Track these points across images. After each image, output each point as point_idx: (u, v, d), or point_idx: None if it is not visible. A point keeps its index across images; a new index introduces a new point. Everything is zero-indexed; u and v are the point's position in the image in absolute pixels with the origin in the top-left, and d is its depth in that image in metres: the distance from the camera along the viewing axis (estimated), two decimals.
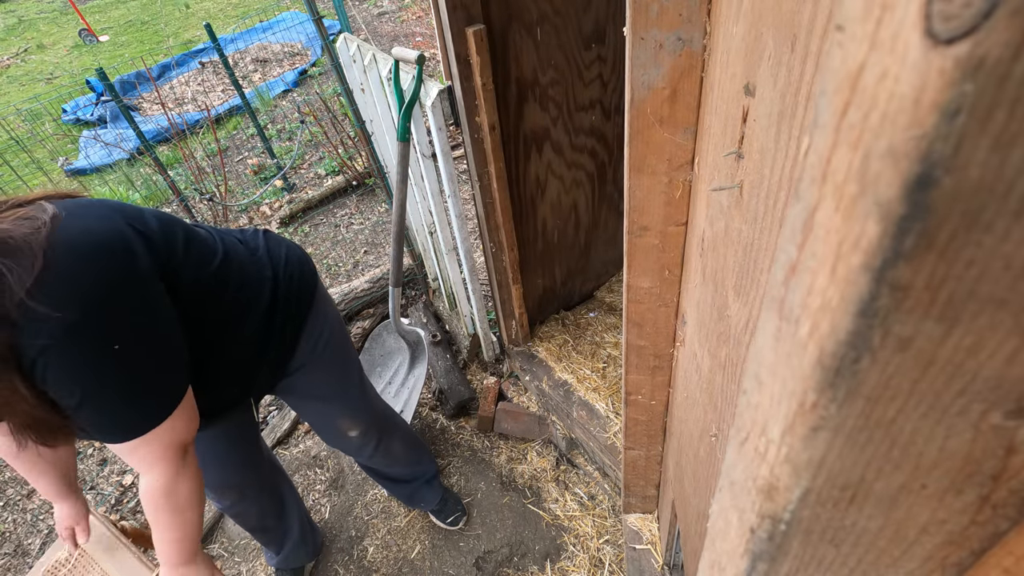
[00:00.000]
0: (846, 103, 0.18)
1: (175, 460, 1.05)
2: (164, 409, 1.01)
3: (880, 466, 0.24)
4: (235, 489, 1.61)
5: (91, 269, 0.88)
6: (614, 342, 2.44)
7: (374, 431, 1.72)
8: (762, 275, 0.62)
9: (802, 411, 0.24)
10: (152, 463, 1.04)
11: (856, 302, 0.19)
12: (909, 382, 0.21)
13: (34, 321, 0.82)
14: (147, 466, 1.04)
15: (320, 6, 7.83)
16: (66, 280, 0.85)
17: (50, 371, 0.87)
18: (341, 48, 2.18)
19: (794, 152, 0.50)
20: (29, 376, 0.88)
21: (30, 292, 0.81)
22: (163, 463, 1.04)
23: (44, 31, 9.75)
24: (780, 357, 0.25)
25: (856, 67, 0.18)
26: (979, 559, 0.30)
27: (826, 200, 0.20)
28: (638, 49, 0.85)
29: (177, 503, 1.09)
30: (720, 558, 0.38)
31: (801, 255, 0.22)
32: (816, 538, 0.29)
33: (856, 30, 0.18)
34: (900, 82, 0.15)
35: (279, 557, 1.94)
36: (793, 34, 0.48)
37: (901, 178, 0.16)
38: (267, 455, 1.76)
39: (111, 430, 0.98)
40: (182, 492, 1.09)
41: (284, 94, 5.88)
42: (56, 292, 0.84)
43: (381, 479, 2.03)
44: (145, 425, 0.99)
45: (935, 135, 0.15)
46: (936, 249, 0.17)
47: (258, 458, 1.67)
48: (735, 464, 0.33)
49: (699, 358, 1.00)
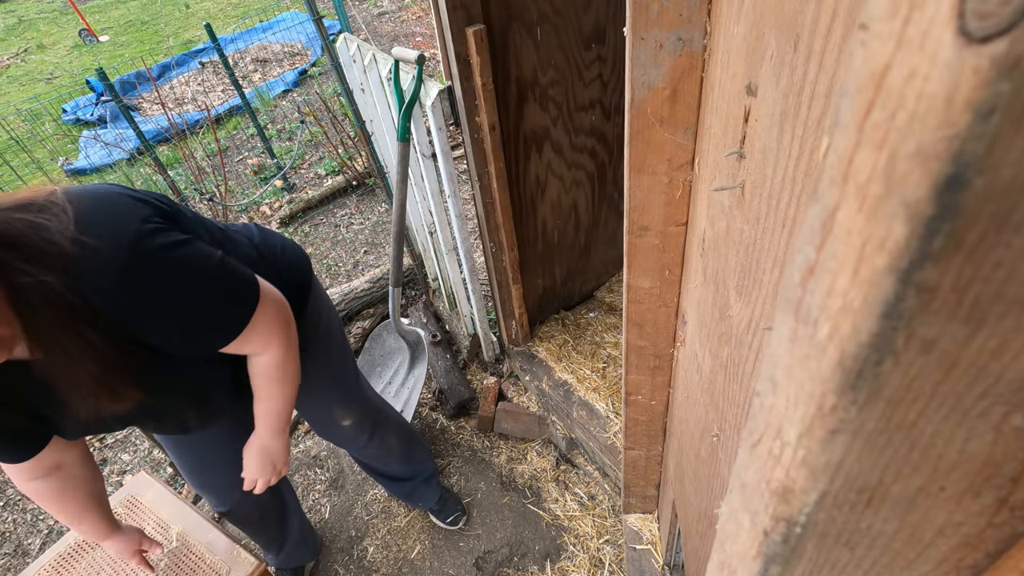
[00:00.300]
0: (870, 103, 0.18)
1: (286, 334, 1.12)
2: (253, 284, 1.05)
3: (899, 469, 0.24)
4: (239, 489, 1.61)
5: (119, 203, 0.90)
6: (614, 342, 2.44)
7: (368, 422, 1.74)
8: (765, 275, 0.61)
9: (821, 414, 0.23)
10: (268, 340, 1.09)
11: (880, 304, 0.19)
12: (931, 384, 0.21)
13: (96, 254, 0.83)
14: (263, 345, 1.10)
15: (320, 6, 7.83)
16: (102, 216, 0.86)
17: (134, 304, 0.88)
18: (341, 48, 2.17)
19: (797, 152, 0.50)
20: (105, 329, 0.88)
21: (77, 233, 0.82)
22: (277, 338, 1.11)
23: (44, 31, 9.74)
24: (796, 359, 0.25)
25: (881, 66, 0.17)
26: (995, 561, 0.30)
27: (847, 201, 0.20)
28: (638, 49, 0.85)
29: (286, 374, 1.18)
30: (730, 560, 0.38)
31: (820, 256, 0.22)
32: (831, 541, 0.29)
33: (881, 29, 0.17)
34: (930, 81, 0.15)
35: (279, 557, 1.94)
36: (796, 34, 0.48)
37: (931, 178, 0.16)
38: None
39: (224, 327, 1.01)
40: (291, 365, 1.18)
41: (284, 94, 5.87)
42: (101, 227, 0.85)
43: (379, 477, 2.04)
44: (250, 303, 1.03)
45: (968, 135, 0.15)
46: (964, 250, 0.17)
47: None
48: (747, 466, 0.33)
49: (700, 358, 1.00)
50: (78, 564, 1.46)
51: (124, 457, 2.67)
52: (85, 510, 1.24)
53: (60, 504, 1.20)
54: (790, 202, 0.52)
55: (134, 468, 2.59)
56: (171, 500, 1.59)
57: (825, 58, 0.43)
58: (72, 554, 1.48)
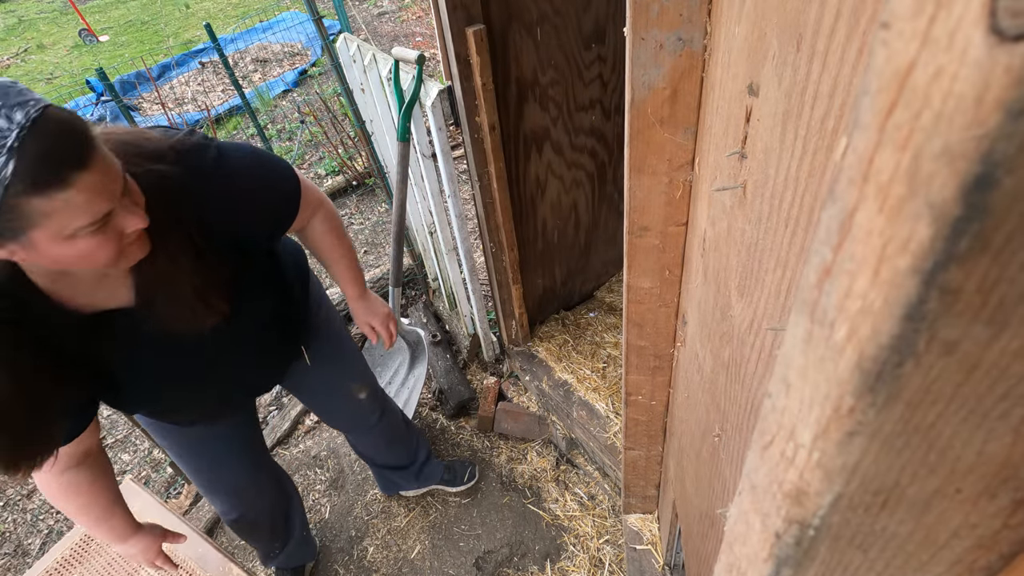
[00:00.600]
0: (892, 103, 0.18)
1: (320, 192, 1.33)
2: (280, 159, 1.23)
3: (915, 471, 0.24)
4: (252, 487, 1.61)
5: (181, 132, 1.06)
6: (614, 342, 2.44)
7: (379, 396, 1.80)
8: (767, 275, 0.61)
9: (837, 416, 0.23)
10: (317, 196, 1.29)
11: (902, 305, 0.19)
12: (952, 386, 0.20)
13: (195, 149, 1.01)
14: (318, 201, 1.30)
15: (320, 6, 7.82)
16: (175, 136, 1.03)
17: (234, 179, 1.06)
18: (341, 48, 2.17)
19: (800, 152, 0.49)
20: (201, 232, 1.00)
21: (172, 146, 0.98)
22: (318, 192, 1.31)
23: (44, 31, 9.72)
24: (811, 361, 0.25)
25: (905, 66, 0.17)
26: (1008, 563, 0.29)
27: (867, 201, 0.20)
28: (638, 49, 0.85)
29: (342, 226, 1.40)
30: (739, 562, 0.38)
31: (838, 257, 0.22)
32: (844, 543, 0.29)
33: (904, 28, 0.17)
34: (958, 80, 0.15)
35: (279, 557, 1.93)
36: (799, 33, 0.48)
37: (958, 179, 0.16)
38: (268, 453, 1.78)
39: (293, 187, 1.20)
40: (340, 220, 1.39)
41: (284, 94, 5.86)
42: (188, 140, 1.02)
43: (384, 470, 2.05)
44: (292, 172, 1.21)
45: (998, 135, 0.15)
46: (991, 251, 0.17)
47: (267, 455, 1.72)
48: (757, 468, 0.33)
49: (701, 358, 1.00)
50: (79, 564, 1.45)
51: (124, 457, 2.66)
52: (114, 503, 1.22)
53: (92, 497, 1.16)
54: (793, 202, 0.52)
55: (134, 468, 2.59)
56: (159, 511, 1.52)
57: (828, 58, 0.43)
58: (73, 555, 1.47)
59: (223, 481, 1.53)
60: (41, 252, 0.79)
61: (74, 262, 0.82)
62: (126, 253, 0.89)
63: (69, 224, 0.76)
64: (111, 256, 0.84)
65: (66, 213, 0.75)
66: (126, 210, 0.84)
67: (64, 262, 0.82)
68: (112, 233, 0.83)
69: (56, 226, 0.76)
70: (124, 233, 0.85)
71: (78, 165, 0.74)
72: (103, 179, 0.78)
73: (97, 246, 0.81)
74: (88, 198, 0.76)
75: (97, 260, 0.83)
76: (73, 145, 0.74)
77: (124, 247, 0.87)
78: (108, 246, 0.83)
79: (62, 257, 0.80)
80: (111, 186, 0.79)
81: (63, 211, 0.75)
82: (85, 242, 0.80)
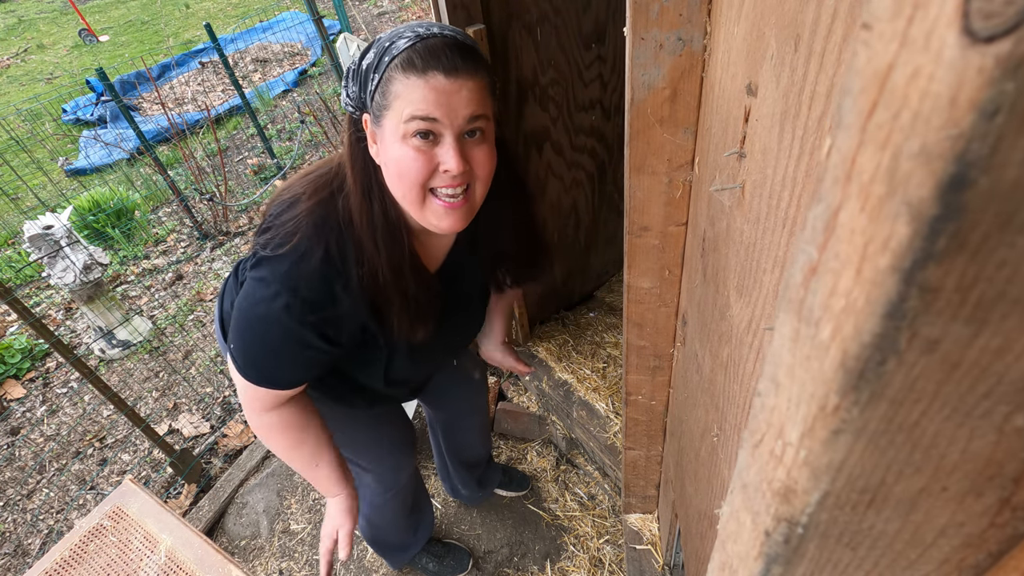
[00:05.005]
0: (873, 103, 0.18)
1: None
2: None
3: (901, 469, 0.24)
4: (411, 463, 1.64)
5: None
6: (614, 342, 2.44)
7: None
8: (765, 275, 0.62)
9: (823, 414, 0.23)
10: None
11: (883, 304, 0.19)
12: (934, 384, 0.21)
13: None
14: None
15: (320, 6, 7.83)
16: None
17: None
18: (341, 48, 2.17)
19: (798, 152, 0.50)
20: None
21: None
22: None
23: (44, 31, 9.74)
24: (799, 359, 0.25)
25: (884, 66, 0.17)
26: (997, 561, 0.30)
27: (850, 201, 0.20)
28: (638, 49, 0.85)
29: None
30: (731, 560, 0.38)
31: (823, 256, 0.22)
32: (833, 541, 0.29)
33: (884, 29, 0.17)
34: (934, 81, 0.15)
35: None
36: (796, 34, 0.48)
37: (934, 178, 0.16)
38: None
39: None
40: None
41: (284, 94, 5.87)
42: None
43: (463, 472, 2.00)
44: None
45: (972, 134, 0.15)
46: (968, 250, 0.17)
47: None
48: (748, 467, 0.33)
49: (700, 358, 1.00)
50: (79, 565, 1.46)
51: (124, 457, 2.67)
52: (325, 443, 1.18)
53: (303, 432, 1.13)
54: (791, 202, 0.52)
55: (134, 468, 2.59)
56: (159, 512, 1.49)
57: (826, 58, 0.43)
58: (73, 555, 1.48)
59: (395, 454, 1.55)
60: (385, 143, 0.87)
61: (395, 169, 0.88)
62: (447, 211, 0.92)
63: (405, 109, 0.83)
64: (420, 173, 0.87)
65: (406, 97, 0.83)
66: (453, 148, 0.87)
67: (390, 166, 0.89)
68: (428, 155, 0.87)
69: (399, 107, 0.83)
70: (438, 165, 0.88)
71: (441, 69, 0.82)
72: (448, 97, 0.83)
73: (413, 159, 0.86)
74: (427, 95, 0.82)
75: (410, 173, 0.87)
76: (450, 58, 0.83)
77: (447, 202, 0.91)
78: (421, 163, 0.87)
79: (389, 159, 0.88)
80: (454, 104, 0.84)
81: (406, 95, 0.83)
82: (409, 146, 0.86)
